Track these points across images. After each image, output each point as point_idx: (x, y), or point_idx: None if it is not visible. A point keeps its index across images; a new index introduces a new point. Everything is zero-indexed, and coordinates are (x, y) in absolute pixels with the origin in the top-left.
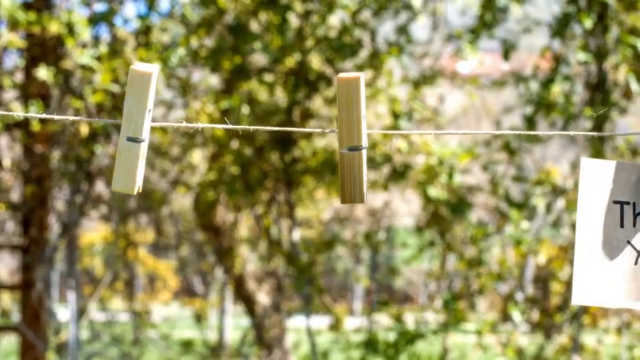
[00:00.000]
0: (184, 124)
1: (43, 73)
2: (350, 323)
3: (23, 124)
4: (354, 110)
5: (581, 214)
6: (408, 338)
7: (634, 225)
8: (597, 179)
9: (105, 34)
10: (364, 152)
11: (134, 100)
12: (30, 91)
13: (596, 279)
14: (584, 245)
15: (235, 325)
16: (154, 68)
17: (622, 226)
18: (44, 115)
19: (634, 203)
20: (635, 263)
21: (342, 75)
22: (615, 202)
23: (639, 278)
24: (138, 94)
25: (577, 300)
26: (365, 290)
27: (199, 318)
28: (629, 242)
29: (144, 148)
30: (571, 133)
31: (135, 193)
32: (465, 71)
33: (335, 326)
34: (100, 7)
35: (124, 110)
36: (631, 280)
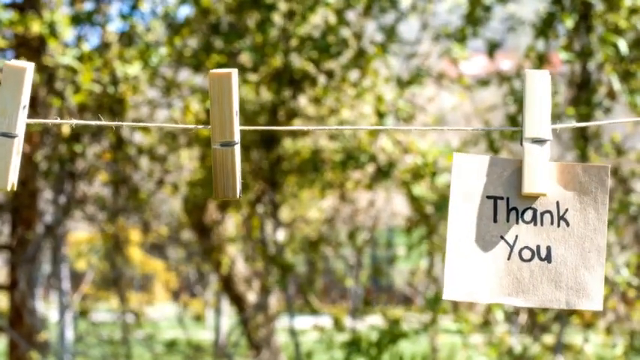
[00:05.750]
0: (59, 120)
1: None
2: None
3: None
4: (225, 106)
5: (453, 209)
6: (391, 338)
7: (507, 220)
8: (470, 174)
9: (88, 34)
10: (237, 148)
11: (9, 96)
12: None
13: (468, 274)
14: (457, 240)
15: (232, 325)
16: (28, 64)
17: (495, 221)
18: None
19: (507, 198)
20: (508, 258)
21: (213, 71)
22: (489, 197)
23: (512, 273)
24: (12, 89)
25: (448, 295)
26: (365, 291)
27: (198, 318)
28: (502, 237)
29: (18, 143)
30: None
31: (9, 189)
32: (465, 72)
33: (335, 326)
34: (85, 7)
35: None
36: (504, 275)
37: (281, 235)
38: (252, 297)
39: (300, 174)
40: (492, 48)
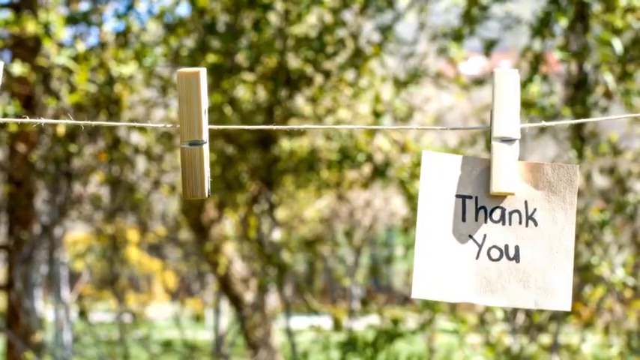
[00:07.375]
0: (28, 119)
1: (18, 69)
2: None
3: (4, 125)
4: (194, 105)
5: (422, 208)
6: (387, 338)
7: (476, 219)
8: (439, 173)
9: (84, 34)
10: (205, 147)
11: None
12: (15, 92)
13: (437, 273)
14: (426, 239)
15: (230, 325)
16: None
17: (464, 220)
18: None
19: (476, 197)
20: (477, 257)
21: (182, 70)
22: (457, 196)
23: (481, 272)
24: None
25: (417, 293)
26: (366, 291)
27: (198, 318)
28: (470, 236)
29: None
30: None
31: None
32: (464, 72)
33: (334, 327)
34: (81, 7)
35: None
36: (472, 274)
37: (278, 235)
38: (249, 297)
39: (296, 173)
40: (489, 46)
